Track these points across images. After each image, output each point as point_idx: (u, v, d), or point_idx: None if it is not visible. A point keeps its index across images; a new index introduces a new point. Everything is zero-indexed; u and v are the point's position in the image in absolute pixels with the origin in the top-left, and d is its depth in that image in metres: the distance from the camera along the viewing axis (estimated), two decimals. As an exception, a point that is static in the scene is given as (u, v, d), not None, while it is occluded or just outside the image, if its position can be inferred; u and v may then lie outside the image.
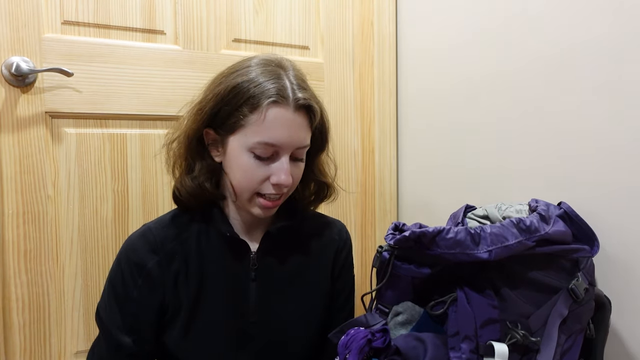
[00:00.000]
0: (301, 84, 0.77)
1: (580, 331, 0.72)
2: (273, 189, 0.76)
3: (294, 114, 0.74)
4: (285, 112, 0.73)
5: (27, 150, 1.00)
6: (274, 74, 0.76)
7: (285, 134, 0.74)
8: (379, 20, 1.37)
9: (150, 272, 0.79)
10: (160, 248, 0.80)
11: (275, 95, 0.73)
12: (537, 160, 0.95)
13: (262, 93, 0.73)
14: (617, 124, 0.79)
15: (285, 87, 0.74)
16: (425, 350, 0.60)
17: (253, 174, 0.76)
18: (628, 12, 0.77)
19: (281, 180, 0.74)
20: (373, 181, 1.40)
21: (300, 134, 0.76)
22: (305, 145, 0.78)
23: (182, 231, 0.83)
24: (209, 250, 0.82)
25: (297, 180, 0.80)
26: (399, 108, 1.41)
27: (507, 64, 1.01)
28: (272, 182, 0.75)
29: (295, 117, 0.74)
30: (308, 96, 0.76)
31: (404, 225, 0.70)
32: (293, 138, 0.75)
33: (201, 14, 1.18)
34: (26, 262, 1.01)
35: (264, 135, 0.73)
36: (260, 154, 0.75)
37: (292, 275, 0.86)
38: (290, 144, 0.75)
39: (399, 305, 0.67)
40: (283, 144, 0.74)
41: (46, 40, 1.01)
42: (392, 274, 0.67)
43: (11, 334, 0.99)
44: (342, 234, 0.95)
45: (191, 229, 0.83)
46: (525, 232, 0.66)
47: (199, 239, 0.83)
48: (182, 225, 0.83)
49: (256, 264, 0.83)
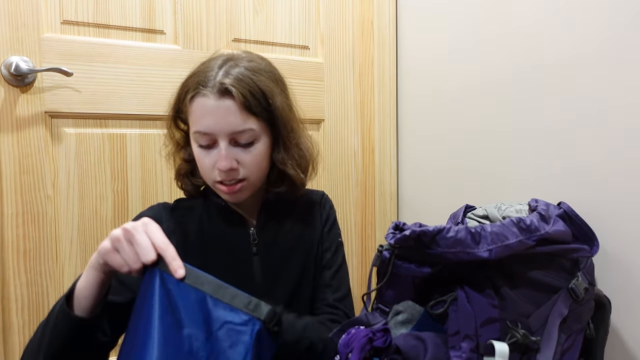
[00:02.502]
0: (231, 71, 0.76)
1: (580, 331, 0.72)
2: (221, 175, 0.78)
3: (218, 100, 0.75)
4: (206, 100, 0.75)
5: (27, 150, 1.00)
6: (207, 66, 0.78)
7: (211, 121, 0.75)
8: (379, 20, 1.38)
9: None
10: (163, 221, 0.83)
11: (195, 87, 0.76)
12: (537, 161, 0.95)
13: (189, 87, 0.78)
14: (617, 124, 0.79)
15: (209, 77, 0.76)
16: (426, 350, 0.60)
17: (203, 163, 0.80)
18: (622, 23, 0.77)
19: (220, 166, 0.76)
20: (373, 181, 1.40)
21: (229, 119, 0.75)
22: (242, 130, 0.76)
23: (184, 212, 0.87)
24: (210, 229, 0.86)
25: (251, 164, 0.79)
26: (399, 108, 1.41)
27: (507, 64, 1.01)
28: (216, 168, 0.78)
29: (219, 103, 0.75)
30: (232, 81, 0.75)
31: (404, 224, 0.70)
32: (220, 124, 0.75)
33: (201, 14, 1.18)
34: (26, 262, 1.01)
35: (195, 125, 0.77)
36: (201, 143, 0.78)
37: (290, 245, 0.88)
38: (220, 130, 0.75)
39: (400, 304, 0.67)
40: (213, 131, 0.76)
41: (46, 40, 1.01)
42: (392, 273, 0.67)
43: (10, 334, 0.99)
44: (323, 196, 0.97)
45: (193, 211, 0.87)
46: (525, 231, 0.66)
47: (200, 220, 0.86)
48: (184, 207, 0.88)
49: (256, 238, 0.86)
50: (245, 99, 0.75)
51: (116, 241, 0.60)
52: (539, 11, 0.93)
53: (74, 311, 0.64)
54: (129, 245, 0.59)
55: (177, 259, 0.58)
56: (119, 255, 0.60)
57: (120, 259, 0.60)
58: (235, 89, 0.74)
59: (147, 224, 0.61)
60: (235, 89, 0.74)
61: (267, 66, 0.83)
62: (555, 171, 0.91)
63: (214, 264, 0.83)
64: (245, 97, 0.75)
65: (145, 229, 0.60)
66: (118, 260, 0.60)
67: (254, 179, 0.81)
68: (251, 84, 0.76)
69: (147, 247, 0.58)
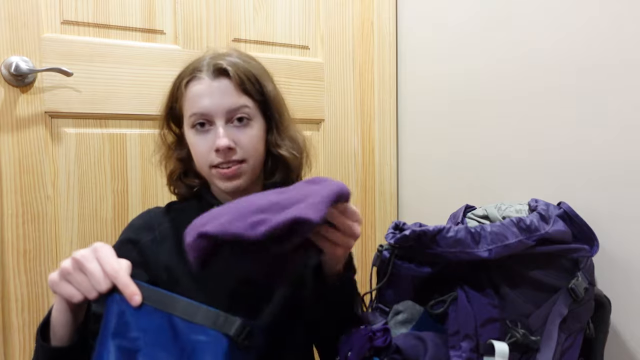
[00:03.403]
0: (225, 56, 0.80)
1: (580, 330, 0.72)
2: (219, 157, 0.78)
3: (213, 81, 0.77)
4: (201, 82, 0.78)
5: (27, 150, 1.00)
6: (198, 59, 0.81)
7: (207, 101, 0.77)
8: (379, 20, 1.38)
9: (143, 247, 0.80)
10: (156, 227, 0.83)
11: (189, 73, 0.79)
12: (537, 160, 0.95)
13: (183, 78, 0.80)
14: (617, 124, 0.79)
15: (201, 63, 0.79)
16: (426, 349, 0.60)
17: (200, 147, 0.79)
18: (631, 16, 0.77)
19: (218, 145, 0.76)
20: (373, 181, 1.40)
21: (225, 97, 0.77)
22: (238, 106, 0.78)
23: (177, 214, 0.86)
24: None
25: (248, 144, 0.80)
26: (399, 108, 1.41)
27: (508, 64, 1.01)
28: (214, 149, 0.77)
29: (214, 83, 0.77)
30: (226, 63, 0.78)
31: (404, 224, 0.70)
32: (217, 103, 0.77)
33: (201, 14, 1.17)
34: (25, 262, 1.00)
35: (191, 108, 0.79)
36: (197, 125, 0.79)
37: None
38: (217, 108, 0.77)
39: (400, 304, 0.67)
40: (210, 110, 0.77)
41: (45, 40, 1.01)
42: (392, 273, 0.67)
43: (10, 334, 0.99)
44: None
45: (187, 212, 0.86)
46: (525, 231, 0.66)
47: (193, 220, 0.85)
48: (178, 210, 0.87)
49: None
50: (241, 79, 0.78)
51: (66, 273, 0.57)
52: (539, 12, 0.93)
53: (50, 342, 0.63)
54: (80, 275, 0.57)
55: (129, 286, 0.55)
56: (70, 285, 0.57)
57: (70, 290, 0.57)
58: (232, 69, 0.77)
59: (97, 250, 0.58)
60: (231, 69, 0.77)
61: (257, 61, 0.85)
62: (555, 171, 0.91)
63: None
64: (240, 77, 0.78)
65: (96, 256, 0.57)
66: (68, 291, 0.57)
67: (252, 162, 0.81)
68: (245, 67, 0.80)
69: (99, 275, 0.55)
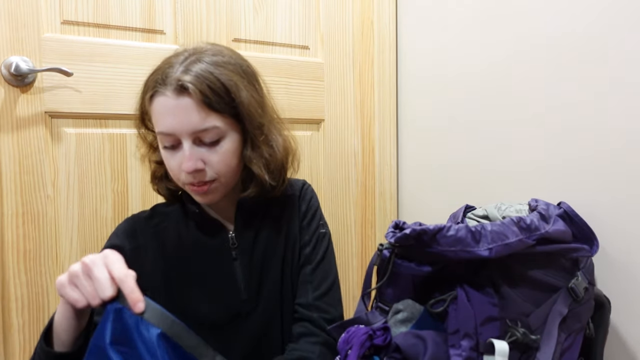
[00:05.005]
0: (191, 67, 0.71)
1: (579, 330, 0.72)
2: (188, 177, 0.75)
3: (177, 98, 0.71)
4: (165, 99, 0.71)
5: (27, 150, 1.00)
6: (168, 63, 0.74)
7: (171, 121, 0.71)
8: (379, 20, 1.38)
9: (127, 255, 0.78)
10: (138, 234, 0.83)
11: (154, 86, 0.73)
12: (537, 160, 0.95)
13: (148, 86, 0.75)
14: (616, 124, 0.79)
15: (168, 74, 0.72)
16: (426, 348, 0.60)
17: (170, 164, 0.77)
18: (621, 22, 0.77)
19: (185, 167, 0.72)
20: (373, 181, 1.40)
21: (191, 118, 0.71)
22: (204, 128, 0.72)
23: (162, 220, 0.86)
24: (187, 237, 0.84)
25: (218, 164, 0.75)
26: (399, 108, 1.41)
27: (508, 64, 1.01)
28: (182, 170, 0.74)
29: (179, 101, 0.71)
30: (191, 78, 0.70)
31: (404, 223, 0.70)
32: (182, 123, 0.71)
33: (201, 14, 1.18)
34: (26, 262, 1.01)
35: (158, 126, 0.74)
36: (165, 144, 0.75)
37: (271, 246, 0.86)
38: (182, 129, 0.71)
39: (400, 303, 0.67)
40: (175, 131, 0.72)
41: (46, 40, 1.01)
42: (392, 272, 0.67)
43: (10, 334, 0.99)
44: (304, 186, 0.92)
45: (170, 217, 0.86)
46: (525, 230, 0.66)
47: (177, 227, 0.85)
48: (162, 214, 0.87)
49: (236, 243, 0.84)
50: (205, 96, 0.71)
51: (74, 277, 0.57)
52: (540, 12, 0.94)
53: (53, 347, 0.62)
54: (87, 280, 0.57)
55: (135, 291, 0.55)
56: (77, 290, 0.57)
57: (76, 294, 0.57)
58: (193, 86, 0.70)
59: (107, 256, 0.58)
60: (192, 86, 0.70)
61: (235, 59, 0.78)
62: (555, 171, 0.91)
63: (195, 272, 0.82)
64: (204, 93, 0.70)
65: (105, 262, 0.57)
66: (73, 296, 0.57)
67: (224, 180, 0.78)
68: (212, 79, 0.72)
69: (105, 282, 0.55)
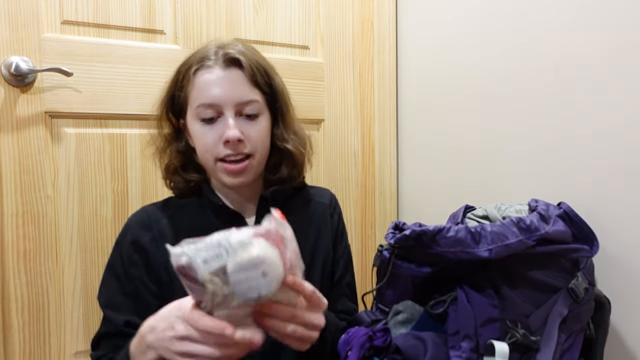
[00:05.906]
0: (233, 46, 0.78)
1: (580, 331, 0.72)
2: (227, 148, 0.76)
3: (224, 70, 0.76)
4: (211, 72, 0.76)
5: (27, 150, 1.00)
6: (204, 48, 0.80)
7: (217, 92, 0.75)
8: (379, 20, 1.38)
9: (145, 247, 0.80)
10: (153, 225, 0.82)
11: (197, 62, 0.77)
12: (537, 161, 0.95)
13: (190, 66, 0.78)
14: (616, 124, 0.79)
15: (209, 52, 0.78)
16: (426, 349, 0.60)
17: (206, 139, 0.77)
18: (623, 20, 0.77)
19: (229, 136, 0.74)
20: (373, 181, 1.40)
21: (237, 89, 0.76)
22: (248, 100, 0.77)
23: (176, 212, 0.85)
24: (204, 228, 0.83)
25: (256, 139, 0.78)
26: (399, 108, 1.41)
27: (508, 64, 1.01)
28: (222, 141, 0.76)
29: (225, 73, 0.76)
30: (237, 52, 0.76)
31: (404, 224, 0.70)
32: (227, 94, 0.75)
33: (201, 14, 1.17)
34: (26, 262, 1.00)
35: (200, 98, 0.77)
36: (205, 116, 0.77)
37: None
38: (227, 99, 0.75)
39: (399, 304, 0.67)
40: (219, 101, 0.75)
41: (46, 40, 1.01)
42: (392, 273, 0.67)
43: (10, 334, 0.99)
44: (332, 199, 0.96)
45: (186, 209, 0.85)
46: (525, 231, 0.66)
47: (194, 219, 0.84)
48: (176, 206, 0.86)
49: None
50: (252, 70, 0.77)
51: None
52: (539, 9, 0.93)
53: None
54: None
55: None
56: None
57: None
58: (245, 58, 0.76)
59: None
60: (244, 58, 0.76)
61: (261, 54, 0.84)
62: (555, 171, 0.91)
63: None
64: (252, 67, 0.77)
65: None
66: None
67: (258, 158, 0.80)
68: (255, 58, 0.78)
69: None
